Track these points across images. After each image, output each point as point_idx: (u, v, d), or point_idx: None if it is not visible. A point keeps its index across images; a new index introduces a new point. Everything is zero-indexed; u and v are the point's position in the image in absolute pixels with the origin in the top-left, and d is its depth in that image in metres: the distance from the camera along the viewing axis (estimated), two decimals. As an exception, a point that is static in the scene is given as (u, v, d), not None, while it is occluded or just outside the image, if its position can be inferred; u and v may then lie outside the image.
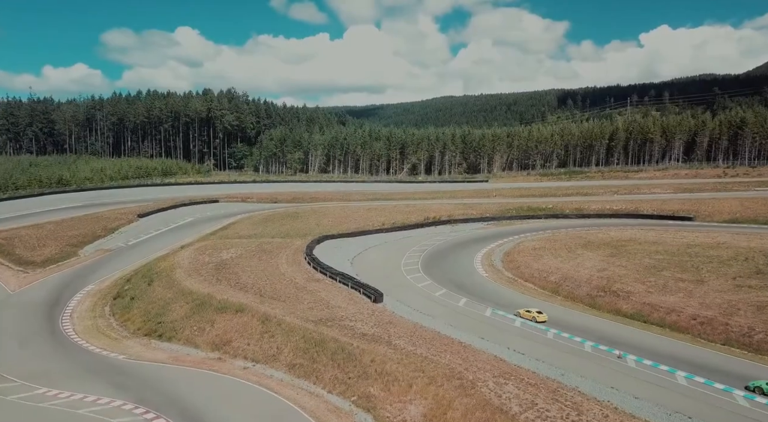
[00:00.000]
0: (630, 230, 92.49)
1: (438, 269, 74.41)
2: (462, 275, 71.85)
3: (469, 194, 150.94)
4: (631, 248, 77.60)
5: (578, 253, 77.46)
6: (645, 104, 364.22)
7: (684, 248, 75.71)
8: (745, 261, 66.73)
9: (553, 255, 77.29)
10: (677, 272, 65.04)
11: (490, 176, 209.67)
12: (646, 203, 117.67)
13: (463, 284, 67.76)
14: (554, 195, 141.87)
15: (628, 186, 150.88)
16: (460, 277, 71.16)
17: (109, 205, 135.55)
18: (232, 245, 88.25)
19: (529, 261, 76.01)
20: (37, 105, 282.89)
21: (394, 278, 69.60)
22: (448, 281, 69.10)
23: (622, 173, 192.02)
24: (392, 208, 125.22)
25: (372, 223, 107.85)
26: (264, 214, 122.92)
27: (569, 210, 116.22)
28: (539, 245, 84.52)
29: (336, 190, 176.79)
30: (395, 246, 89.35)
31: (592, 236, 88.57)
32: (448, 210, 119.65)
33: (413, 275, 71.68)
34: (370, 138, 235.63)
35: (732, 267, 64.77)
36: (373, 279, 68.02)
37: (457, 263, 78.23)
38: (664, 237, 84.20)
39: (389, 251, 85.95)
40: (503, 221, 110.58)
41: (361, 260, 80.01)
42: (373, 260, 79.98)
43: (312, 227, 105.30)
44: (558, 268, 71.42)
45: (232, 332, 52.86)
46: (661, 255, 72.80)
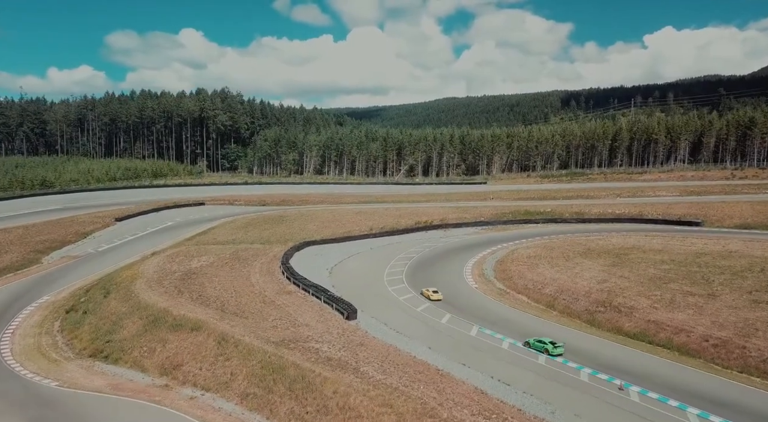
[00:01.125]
0: (633, 236, 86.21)
1: (424, 280, 68.25)
2: (449, 287, 65.68)
3: (465, 197, 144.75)
4: (635, 257, 71.34)
5: (576, 262, 71.23)
6: (649, 105, 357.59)
7: (692, 258, 69.40)
8: (761, 272, 60.48)
9: (549, 264, 71.07)
10: (686, 284, 58.81)
11: (489, 177, 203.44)
12: (650, 207, 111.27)
13: (449, 296, 61.59)
14: (554, 198, 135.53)
15: (632, 188, 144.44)
16: (448, 289, 64.96)
17: (89, 208, 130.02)
18: (206, 252, 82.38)
19: (523, 271, 69.80)
20: (28, 105, 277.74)
21: (373, 291, 63.51)
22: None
23: (626, 174, 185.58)
24: (383, 211, 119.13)
25: (360, 228, 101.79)
26: (248, 218, 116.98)
27: (569, 214, 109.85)
28: (535, 252, 78.28)
29: (329, 192, 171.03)
30: (381, 253, 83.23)
31: (593, 243, 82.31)
32: (442, 214, 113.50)
33: (396, 286, 65.57)
34: (367, 139, 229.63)
35: (747, 280, 58.52)
36: (350, 291, 62.10)
37: (445, 273, 72.07)
38: (671, 245, 77.89)
39: (374, 258, 79.83)
40: (499, 225, 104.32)
41: (342, 269, 73.90)
42: (354, 269, 73.87)
43: (296, 232, 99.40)
44: (554, 279, 65.21)
45: (185, 353, 46.88)
46: (668, 265, 66.54)
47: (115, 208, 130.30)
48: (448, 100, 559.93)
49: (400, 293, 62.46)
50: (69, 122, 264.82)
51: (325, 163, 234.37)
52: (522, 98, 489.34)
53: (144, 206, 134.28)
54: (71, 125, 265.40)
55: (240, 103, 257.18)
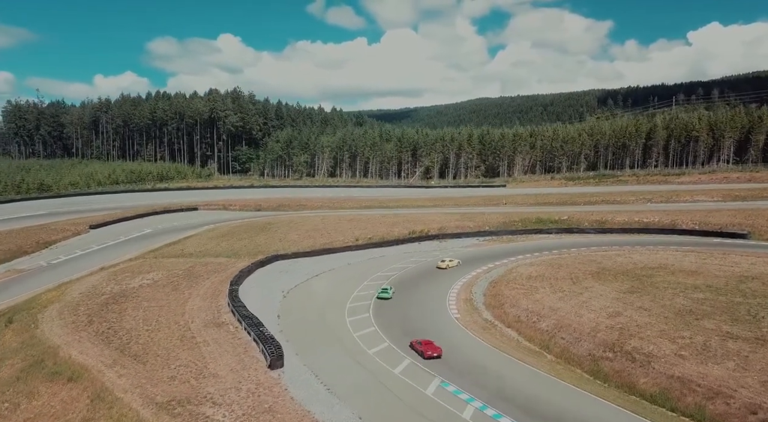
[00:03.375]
0: (661, 252, 71.70)
1: (396, 308, 55.97)
2: (425, 318, 53.29)
3: (476, 202, 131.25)
4: (660, 281, 57.35)
5: (586, 286, 57.68)
6: (692, 103, 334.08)
7: (735, 283, 55.05)
8: (828, 307, 46.09)
9: (552, 289, 57.73)
10: (725, 322, 44.90)
11: (510, 180, 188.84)
12: (686, 214, 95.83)
13: (420, 331, 49.11)
14: (575, 203, 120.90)
15: (666, 192, 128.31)
16: (422, 320, 52.59)
17: (73, 213, 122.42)
18: (159, 267, 72.10)
19: (518, 297, 56.66)
20: (46, 108, 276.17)
21: (325, 323, 51.43)
22: (402, 327, 50.55)
23: (661, 176, 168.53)
24: (379, 219, 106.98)
25: (345, 238, 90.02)
26: (231, 225, 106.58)
27: (588, 223, 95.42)
28: (537, 272, 64.92)
29: (334, 196, 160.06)
30: (357, 270, 71.14)
31: (610, 260, 68.31)
32: (443, 222, 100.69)
33: (357, 316, 53.36)
34: (381, 139, 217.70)
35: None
36: (296, 324, 50.42)
37: (426, 298, 59.55)
38: (707, 264, 63.38)
39: (345, 277, 67.74)
40: (504, 236, 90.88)
41: (301, 292, 62.04)
42: (315, 292, 61.91)
43: (273, 243, 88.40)
44: (554, 309, 51.95)
45: (47, 416, 35.85)
46: (702, 293, 52.48)
47: (100, 213, 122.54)
48: (480, 101, 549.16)
49: (358, 328, 50.20)
50: (84, 125, 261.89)
51: (338, 165, 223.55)
52: (556, 98, 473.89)
53: (130, 211, 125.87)
54: (86, 128, 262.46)
55: (252, 103, 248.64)
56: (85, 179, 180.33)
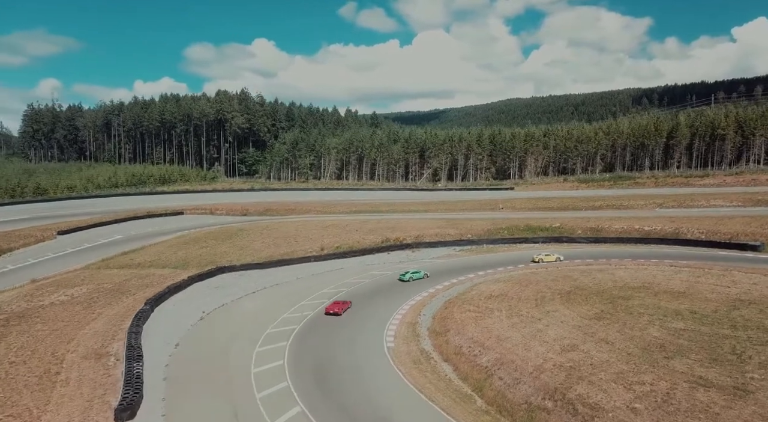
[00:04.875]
0: (652, 267, 61.99)
1: (325, 333, 48.28)
2: (351, 346, 45.47)
3: (473, 206, 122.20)
4: (637, 305, 48.14)
5: (549, 309, 48.88)
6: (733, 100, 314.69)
7: (727, 309, 45.54)
8: (835, 347, 36.47)
9: (509, 312, 49.11)
10: (701, 362, 35.85)
11: (521, 182, 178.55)
12: (694, 222, 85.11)
13: (338, 364, 41.39)
14: (577, 208, 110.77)
15: (682, 196, 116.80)
16: (347, 349, 44.79)
17: (51, 218, 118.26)
18: (93, 280, 66.31)
19: (467, 322, 48.22)
20: (61, 112, 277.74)
21: (227, 355, 43.85)
22: (318, 358, 42.81)
23: (683, 178, 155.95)
24: (360, 224, 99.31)
25: (311, 246, 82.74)
26: (203, 232, 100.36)
27: (581, 230, 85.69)
28: (501, 290, 56.27)
29: (332, 199, 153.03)
30: (303, 286, 63.64)
31: (588, 276, 59.06)
32: (423, 228, 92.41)
33: (271, 345, 45.74)
34: (388, 141, 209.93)
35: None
36: (192, 356, 43.38)
37: (365, 321, 51.63)
38: (700, 284, 53.68)
39: (284, 294, 60.26)
40: (485, 245, 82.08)
41: (223, 313, 54.77)
42: (238, 313, 54.53)
43: (232, 252, 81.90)
44: (502, 339, 43.43)
45: None
46: (683, 322, 43.24)
47: (76, 218, 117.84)
48: (511, 101, 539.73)
49: (263, 361, 42.47)
50: (96, 128, 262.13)
51: (344, 167, 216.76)
52: (588, 97, 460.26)
53: (110, 216, 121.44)
54: (99, 131, 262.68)
55: (260, 105, 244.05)
56: (84, 183, 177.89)
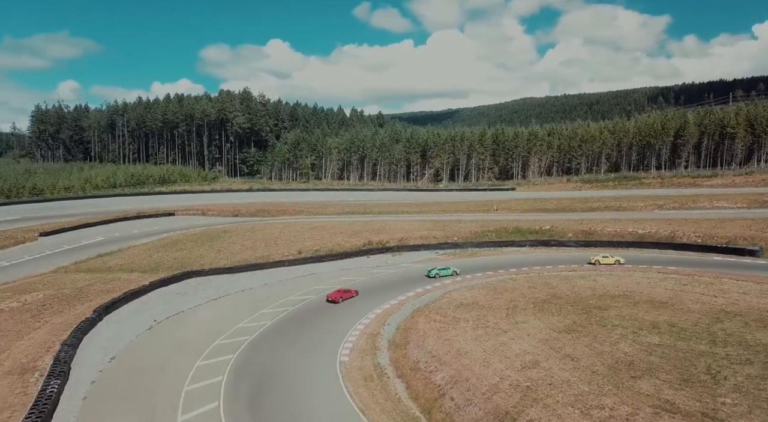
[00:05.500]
0: (637, 274, 58.14)
1: (273, 348, 45.33)
2: (302, 360, 42.45)
3: (467, 208, 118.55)
4: (613, 316, 44.53)
5: (519, 320, 45.45)
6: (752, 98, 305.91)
7: (709, 321, 41.80)
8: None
9: (476, 323, 45.75)
10: (670, 382, 32.32)
11: (523, 182, 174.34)
12: (692, 224, 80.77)
13: (282, 381, 38.43)
14: (575, 209, 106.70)
15: (684, 197, 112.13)
16: (296, 363, 41.77)
17: (47, 218, 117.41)
18: (55, 285, 64.27)
19: (429, 334, 44.95)
20: (66, 113, 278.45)
21: (161, 370, 40.82)
22: (261, 374, 39.83)
23: (690, 178, 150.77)
24: (346, 226, 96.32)
25: (290, 250, 79.93)
26: (186, 234, 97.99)
27: (572, 233, 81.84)
28: (473, 298, 52.92)
29: (328, 200, 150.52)
30: (268, 293, 60.78)
31: (568, 284, 55.45)
32: (410, 230, 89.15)
33: (213, 359, 42.73)
34: (389, 140, 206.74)
35: (788, 384, 31.14)
36: (124, 371, 40.75)
37: (324, 331, 48.60)
38: (685, 293, 49.86)
39: (245, 302, 57.31)
40: (470, 249, 78.60)
41: (175, 322, 51.91)
42: (191, 323, 51.63)
43: (208, 255, 79.47)
44: (461, 353, 40.12)
45: None
46: (659, 336, 39.61)
47: (75, 217, 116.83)
48: (524, 101, 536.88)
49: (199, 378, 39.27)
50: (101, 128, 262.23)
51: (345, 167, 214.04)
52: (602, 96, 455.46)
53: (99, 216, 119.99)
54: (104, 131, 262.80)
55: (262, 104, 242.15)
56: (82, 184, 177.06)
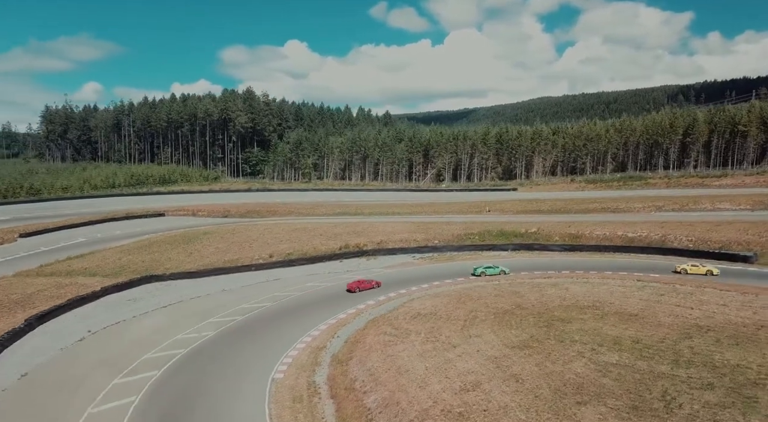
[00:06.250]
0: (613, 281, 53.89)
1: (204, 363, 42.23)
2: (232, 377, 39.28)
3: (459, 208, 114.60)
4: (575, 330, 40.61)
5: (473, 333, 41.75)
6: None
7: (678, 337, 37.70)
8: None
9: (427, 336, 42.16)
10: (619, 410, 28.48)
11: (527, 182, 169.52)
12: (686, 227, 75.90)
13: (197, 408, 35.26)
14: (569, 211, 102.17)
15: (686, 198, 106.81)
16: (222, 381, 38.57)
17: (37, 219, 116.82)
18: (3, 291, 61.97)
19: (375, 349, 41.47)
20: (74, 113, 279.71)
21: (75, 388, 38.03)
22: (181, 393, 36.75)
23: (698, 178, 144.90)
24: (328, 228, 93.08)
25: (263, 253, 77.04)
26: (164, 235, 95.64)
27: (559, 237, 77.54)
28: (432, 308, 49.28)
29: (324, 200, 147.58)
30: (221, 300, 57.76)
31: (537, 293, 51.47)
32: (392, 233, 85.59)
33: (132, 376, 39.64)
34: (391, 140, 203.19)
35: (757, 411, 27.09)
36: (32, 388, 37.83)
37: (267, 344, 45.34)
38: (660, 304, 45.64)
39: (193, 311, 54.12)
40: (448, 253, 74.89)
41: (113, 332, 49.00)
42: (130, 332, 48.74)
43: (179, 258, 77.00)
44: (401, 372, 36.57)
45: None
46: (619, 353, 35.63)
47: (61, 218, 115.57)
48: (541, 100, 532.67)
49: (109, 399, 36.56)
50: (108, 128, 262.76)
51: (347, 167, 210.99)
52: (621, 95, 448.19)
53: (87, 217, 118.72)
54: (110, 131, 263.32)
55: (266, 104, 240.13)
56: (81, 184, 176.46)
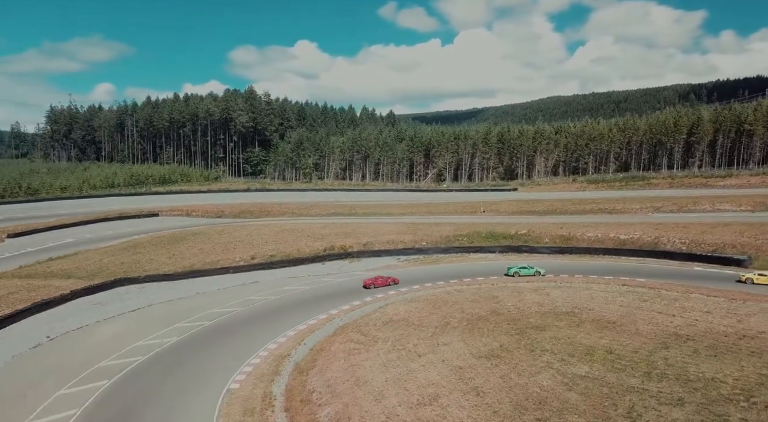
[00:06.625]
0: (596, 286, 51.56)
1: (159, 372, 40.52)
2: (180, 393, 37.48)
3: (454, 209, 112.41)
4: (548, 338, 38.46)
5: (442, 341, 39.74)
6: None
7: (654, 347, 35.48)
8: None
9: (393, 344, 40.19)
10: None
11: (526, 182, 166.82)
12: (681, 229, 73.21)
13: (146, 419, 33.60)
14: (564, 212, 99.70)
15: (687, 199, 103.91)
16: (168, 398, 36.75)
17: (36, 218, 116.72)
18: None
19: (338, 358, 39.58)
20: (78, 113, 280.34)
21: (9, 402, 36.49)
22: (120, 410, 34.94)
23: (702, 179, 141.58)
24: (316, 229, 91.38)
25: (245, 255, 75.39)
26: (150, 237, 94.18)
27: (549, 239, 75.18)
28: (405, 313, 47.30)
29: (321, 201, 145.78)
30: (192, 304, 56.02)
31: (515, 298, 49.30)
32: (380, 234, 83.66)
33: (81, 386, 37.75)
34: (392, 140, 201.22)
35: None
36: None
37: (226, 355, 43.44)
38: (641, 311, 43.32)
39: (160, 316, 52.21)
40: (434, 255, 72.80)
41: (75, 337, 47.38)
42: (90, 337, 47.04)
43: (160, 260, 75.59)
44: (360, 383, 34.64)
45: None
46: (589, 365, 33.47)
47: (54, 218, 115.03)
48: (551, 99, 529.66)
49: (49, 411, 34.67)
50: (111, 128, 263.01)
51: (348, 167, 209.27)
52: (631, 94, 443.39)
53: (80, 217, 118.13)
54: (114, 131, 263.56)
55: (267, 103, 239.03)
56: (80, 184, 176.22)
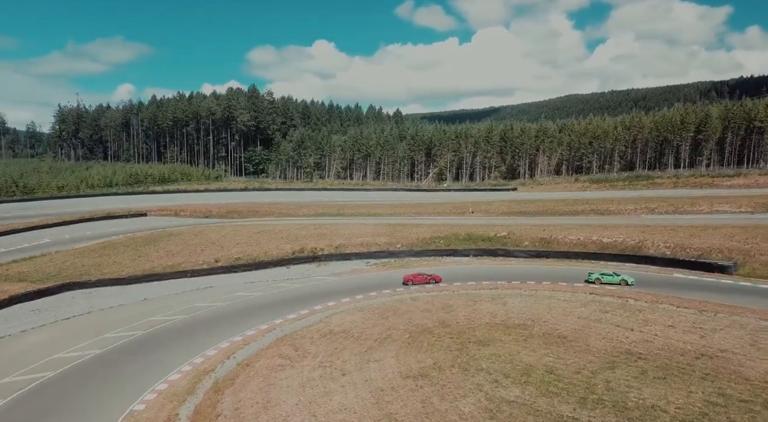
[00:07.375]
0: (560, 295, 47.28)
1: (60, 391, 37.77)
2: (72, 416, 34.64)
3: (443, 210, 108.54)
4: (488, 355, 34.74)
5: (371, 359, 36.27)
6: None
7: (600, 367, 31.58)
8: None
9: (321, 361, 36.80)
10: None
11: (528, 182, 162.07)
12: (668, 232, 68.50)
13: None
14: (555, 213, 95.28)
15: (686, 199, 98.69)
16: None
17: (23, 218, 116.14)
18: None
19: (257, 376, 36.31)
20: (85, 112, 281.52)
21: None
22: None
23: (708, 178, 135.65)
24: (292, 230, 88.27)
25: (210, 257, 72.80)
26: (126, 237, 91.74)
27: (529, 241, 71.02)
28: (349, 324, 43.92)
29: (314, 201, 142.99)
30: (133, 312, 53.28)
31: (468, 307, 45.52)
32: (354, 235, 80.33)
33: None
34: (393, 138, 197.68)
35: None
36: None
37: (143, 370, 40.49)
38: (599, 325, 39.31)
39: (92, 325, 49.11)
40: (406, 258, 69.23)
41: None
42: (6, 350, 44.62)
43: (124, 262, 73.46)
44: (268, 407, 31.32)
45: None
46: (521, 387, 29.77)
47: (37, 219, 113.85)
48: (568, 98, 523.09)
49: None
50: (117, 127, 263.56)
51: (348, 166, 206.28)
52: (651, 92, 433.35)
53: (65, 216, 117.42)
54: (120, 130, 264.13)
55: (269, 102, 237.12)
56: (77, 183, 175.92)
